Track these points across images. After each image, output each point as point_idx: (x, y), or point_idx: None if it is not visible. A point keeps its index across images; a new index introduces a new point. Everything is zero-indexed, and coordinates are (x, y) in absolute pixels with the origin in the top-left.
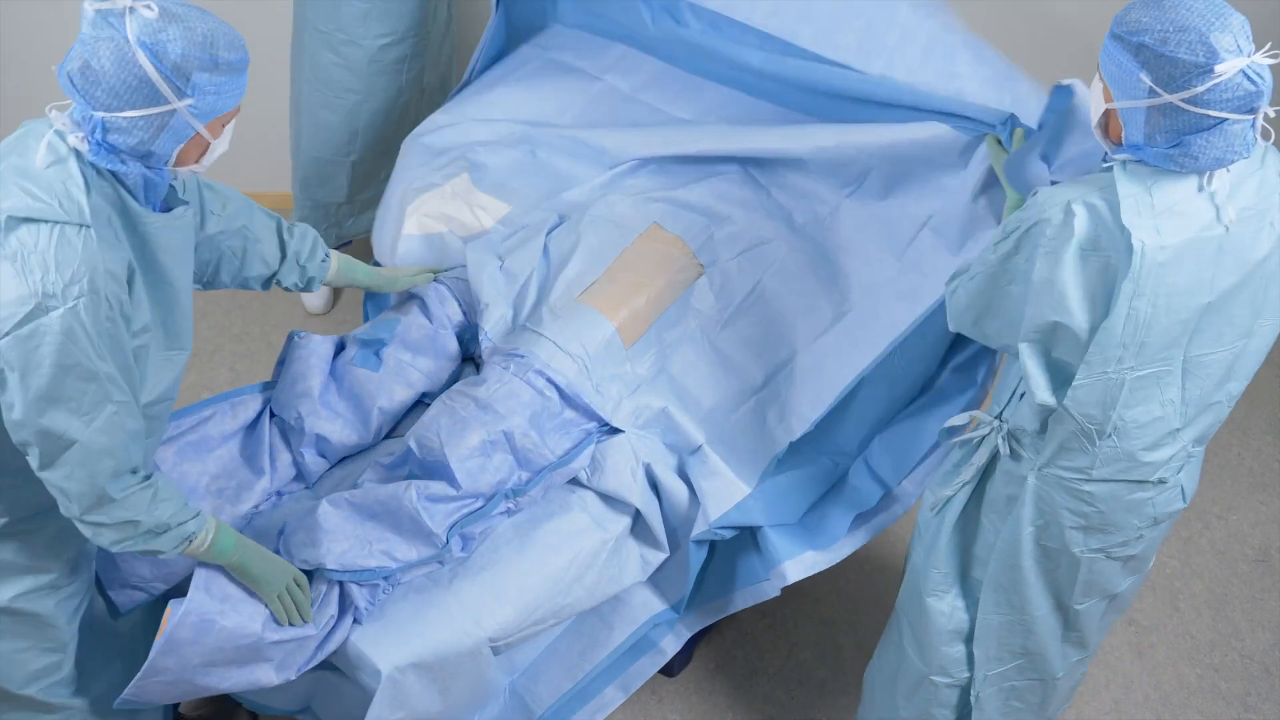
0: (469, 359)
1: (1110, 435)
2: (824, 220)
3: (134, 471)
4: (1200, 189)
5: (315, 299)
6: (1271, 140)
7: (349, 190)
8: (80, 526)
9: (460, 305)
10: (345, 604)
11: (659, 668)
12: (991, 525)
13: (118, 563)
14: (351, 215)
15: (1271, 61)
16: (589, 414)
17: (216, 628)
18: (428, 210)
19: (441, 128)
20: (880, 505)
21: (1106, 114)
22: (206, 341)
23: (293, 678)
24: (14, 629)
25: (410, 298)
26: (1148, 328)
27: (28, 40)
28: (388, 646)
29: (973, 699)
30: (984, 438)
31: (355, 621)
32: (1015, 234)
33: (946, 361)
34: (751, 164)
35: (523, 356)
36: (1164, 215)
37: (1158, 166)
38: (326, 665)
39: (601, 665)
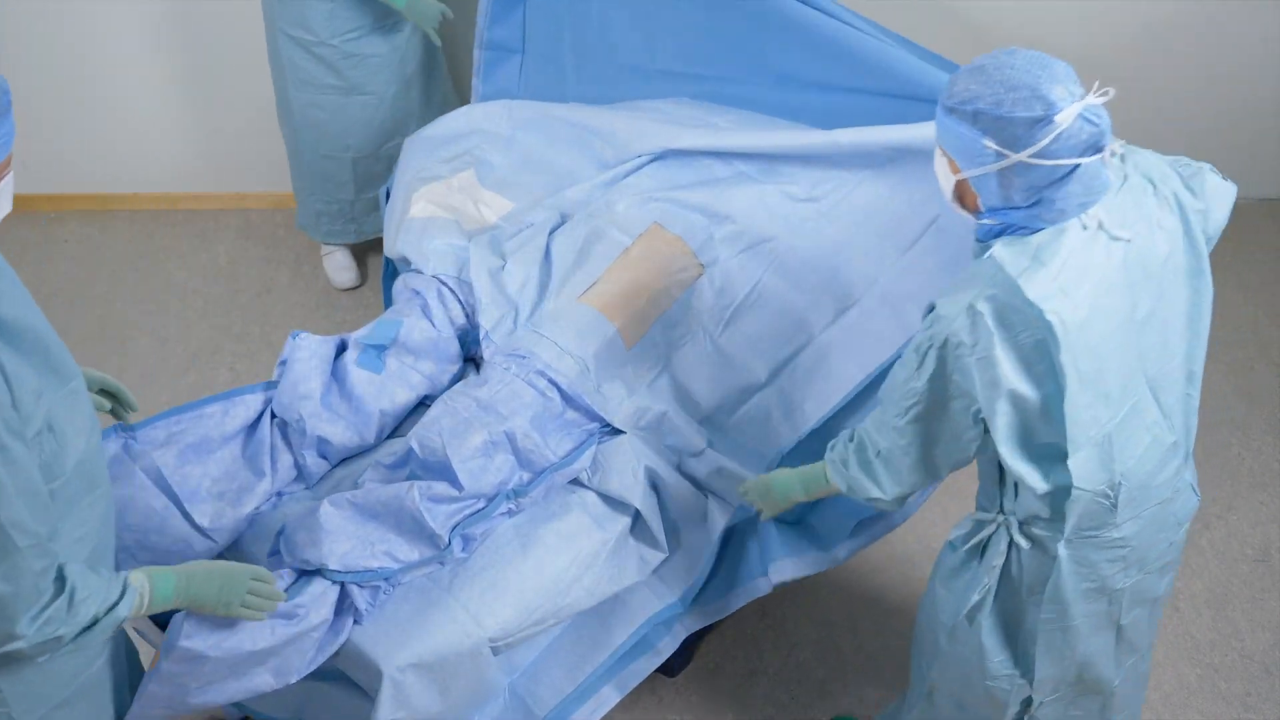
0: (470, 360)
1: (1121, 484)
2: (826, 217)
3: (46, 586)
4: (1084, 227)
5: (344, 274)
6: (1120, 154)
7: (355, 187)
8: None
9: (463, 307)
10: (345, 604)
11: (655, 667)
12: (1034, 604)
13: (120, 567)
14: (366, 212)
15: (1103, 100)
16: (590, 415)
17: (210, 660)
18: (433, 199)
19: (444, 119)
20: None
21: (958, 185)
22: (206, 341)
23: (293, 681)
24: None
25: (412, 298)
26: (1102, 378)
27: (28, 40)
28: (388, 646)
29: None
30: (991, 535)
31: (355, 622)
32: (931, 351)
33: None
34: (751, 162)
35: (524, 357)
36: (1062, 274)
37: (1027, 228)
38: (319, 675)
39: (603, 667)
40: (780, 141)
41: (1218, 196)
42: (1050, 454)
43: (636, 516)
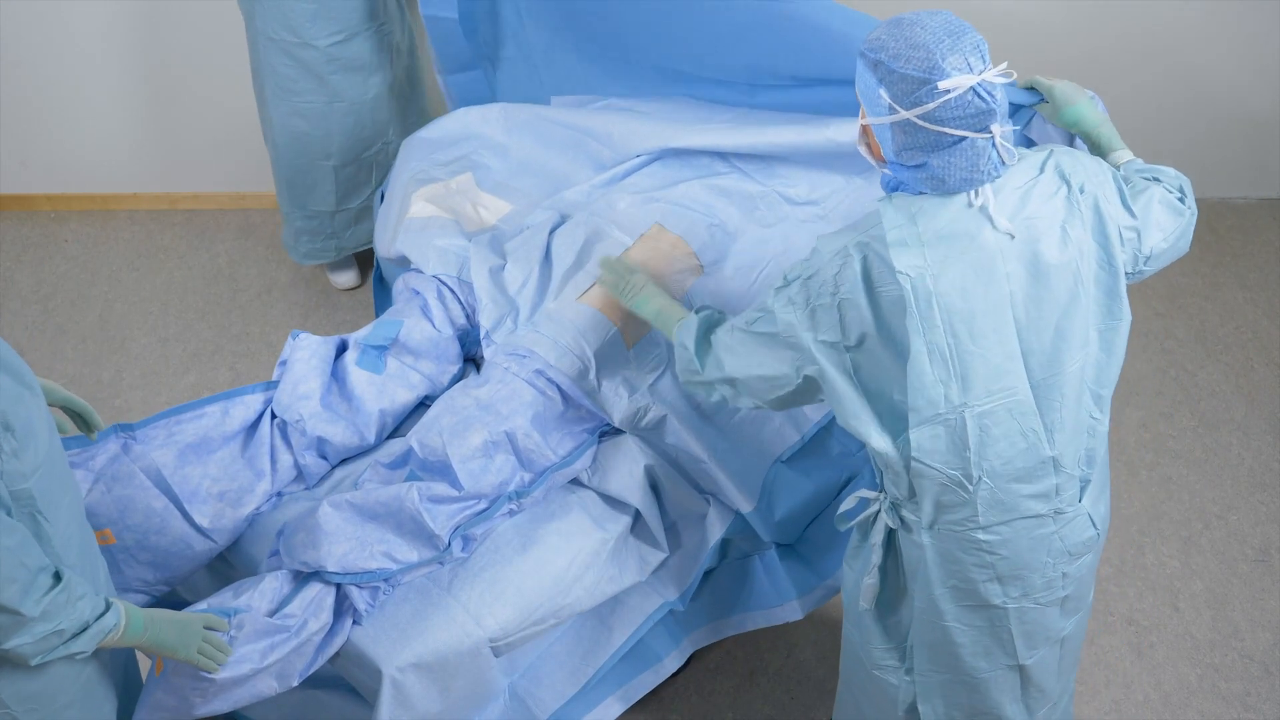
0: (470, 360)
1: (982, 479)
2: (825, 219)
3: (43, 571)
4: (969, 205)
5: (344, 276)
6: (1050, 150)
7: (336, 197)
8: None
9: (463, 307)
10: (344, 606)
11: (661, 680)
12: (911, 590)
13: (121, 568)
14: (347, 225)
15: (1004, 80)
16: (591, 414)
17: (214, 681)
18: (433, 199)
19: (440, 121)
20: None
21: (863, 130)
22: (206, 342)
23: (295, 684)
24: None
25: (412, 298)
26: (959, 359)
27: (27, 41)
28: (388, 647)
29: None
30: (876, 514)
31: (355, 623)
32: (797, 281)
33: None
34: (751, 163)
35: (525, 356)
36: (932, 243)
37: (919, 192)
38: (316, 682)
39: (604, 669)
40: (780, 138)
41: (1159, 223)
42: (888, 412)
43: (636, 516)
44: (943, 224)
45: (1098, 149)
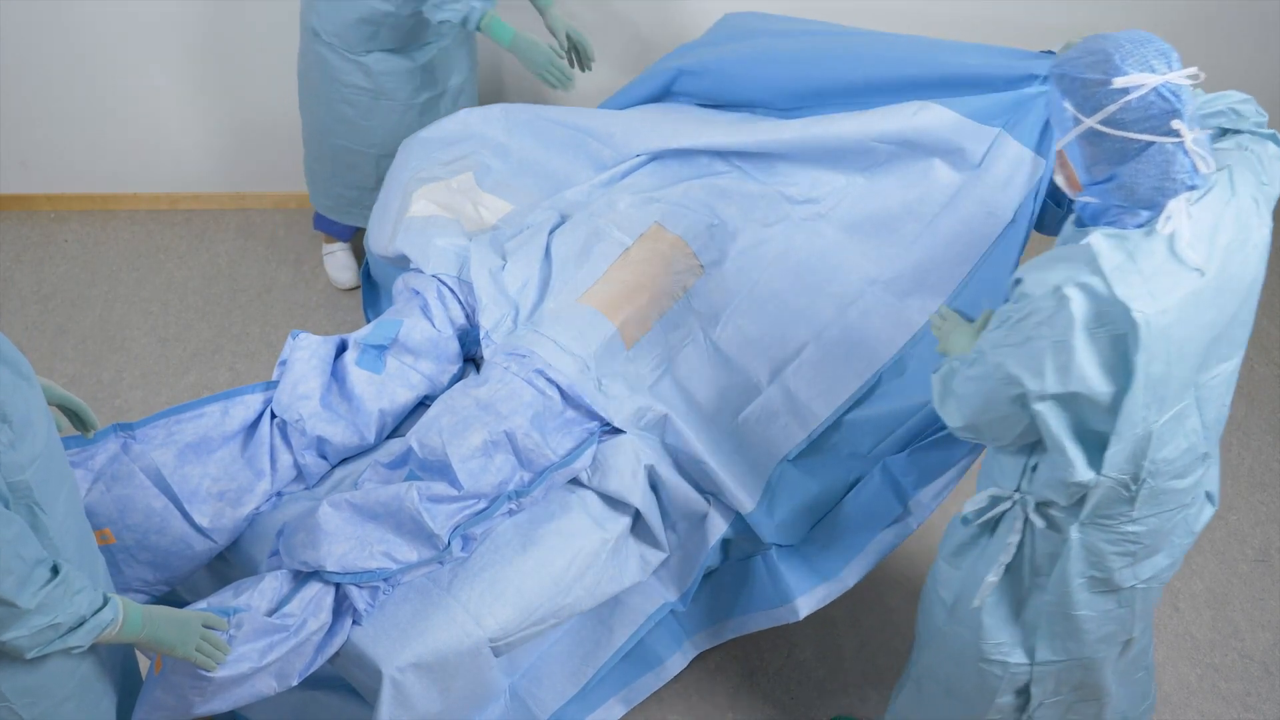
0: (470, 359)
1: (1146, 480)
2: (825, 218)
3: (40, 564)
4: (1157, 230)
5: (345, 273)
6: (1236, 161)
7: (376, 179)
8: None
9: (462, 307)
10: (343, 606)
11: (664, 683)
12: (1039, 586)
13: (121, 567)
14: None
15: (1189, 82)
16: (590, 414)
17: (213, 680)
18: (433, 198)
19: (440, 122)
20: (894, 520)
21: (1059, 156)
22: (206, 342)
23: (294, 684)
24: None
25: (412, 298)
26: (1164, 383)
27: (27, 41)
28: (388, 647)
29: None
30: (1004, 513)
31: (355, 623)
32: (1008, 323)
33: None
34: (750, 162)
35: (524, 356)
36: (1153, 279)
37: (1122, 212)
38: (316, 683)
39: (605, 669)
40: (779, 135)
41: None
42: (1092, 443)
43: (637, 516)
44: (1159, 261)
45: None
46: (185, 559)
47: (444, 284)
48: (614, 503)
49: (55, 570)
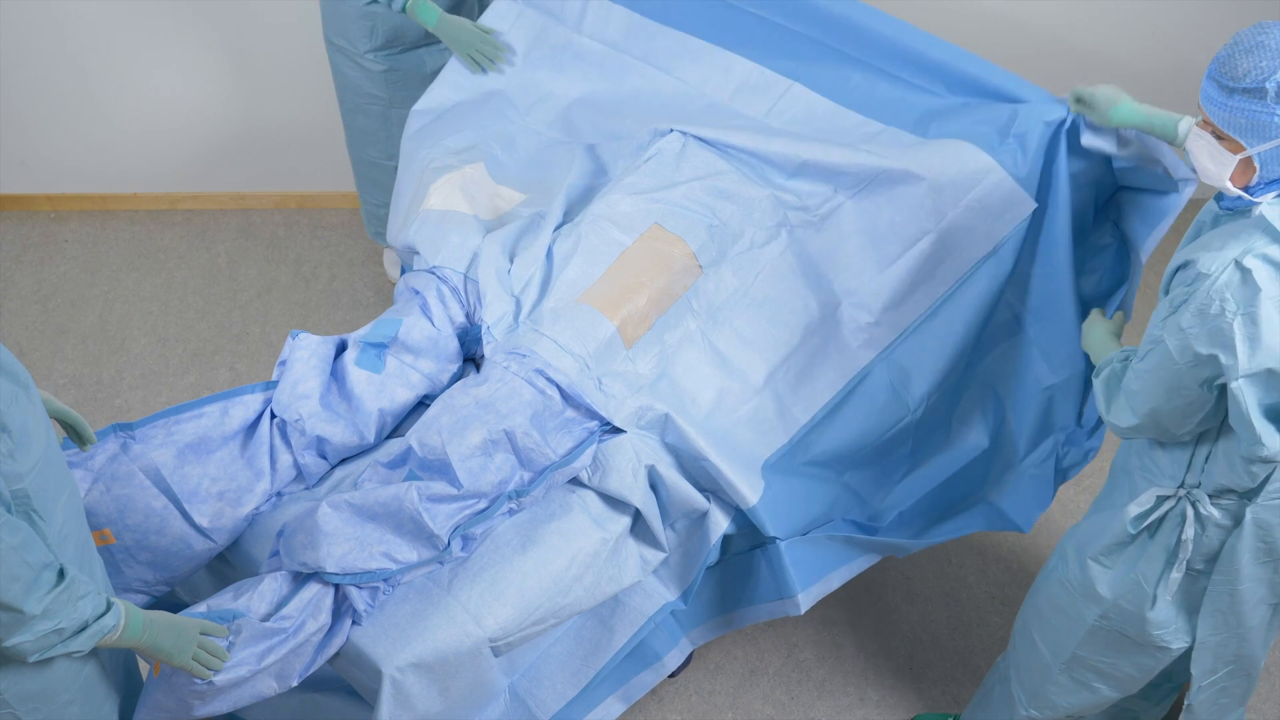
0: (470, 359)
1: None
2: (813, 226)
3: (47, 569)
4: None
5: (398, 269)
6: None
7: None
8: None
9: (462, 306)
10: (343, 606)
11: (662, 679)
12: (1205, 571)
13: (120, 568)
14: None
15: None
16: (590, 413)
17: (214, 684)
18: (450, 189)
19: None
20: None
21: (1241, 163)
22: (206, 342)
23: (294, 684)
24: None
25: (412, 297)
26: None
27: (27, 41)
28: (388, 647)
29: (1186, 706)
30: (1168, 511)
31: (354, 623)
32: (1183, 306)
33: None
34: (750, 164)
35: (524, 355)
36: None
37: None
38: (315, 685)
39: (606, 670)
40: (777, 147)
41: None
42: (1275, 418)
43: (637, 516)
44: None
45: (1154, 131)
46: (185, 559)
47: (444, 283)
48: (614, 502)
49: (61, 575)
